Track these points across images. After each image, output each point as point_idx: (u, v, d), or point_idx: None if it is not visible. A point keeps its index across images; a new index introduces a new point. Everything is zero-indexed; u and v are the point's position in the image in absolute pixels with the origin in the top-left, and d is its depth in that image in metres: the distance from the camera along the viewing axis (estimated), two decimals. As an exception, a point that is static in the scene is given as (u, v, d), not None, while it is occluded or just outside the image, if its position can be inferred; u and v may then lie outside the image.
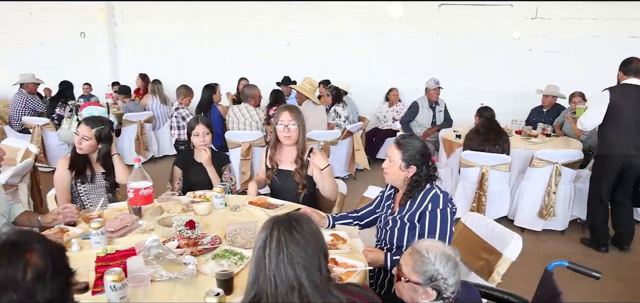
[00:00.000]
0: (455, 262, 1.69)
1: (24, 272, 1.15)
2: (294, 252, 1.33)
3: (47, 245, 1.23)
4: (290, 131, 3.11)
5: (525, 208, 4.68)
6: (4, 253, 1.17)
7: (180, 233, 2.38)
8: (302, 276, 1.32)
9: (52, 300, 1.18)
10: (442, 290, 1.67)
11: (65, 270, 1.25)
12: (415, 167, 2.38)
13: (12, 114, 6.96)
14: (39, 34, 9.61)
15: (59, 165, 3.16)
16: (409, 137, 2.48)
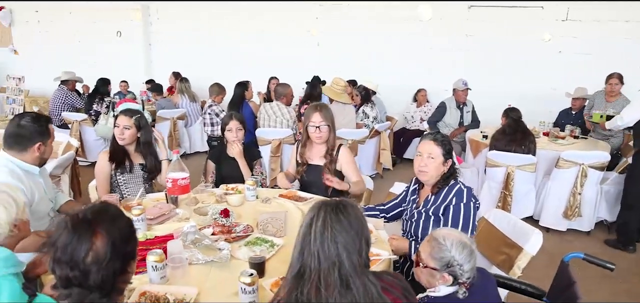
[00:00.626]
0: (470, 249, 1.77)
1: (86, 254, 1.29)
2: (337, 232, 1.42)
3: (113, 230, 1.35)
4: (322, 131, 3.21)
5: (551, 209, 4.66)
6: (76, 229, 1.31)
7: (216, 221, 2.51)
8: (343, 255, 1.41)
9: (100, 284, 1.30)
10: (457, 275, 1.76)
11: (123, 256, 1.37)
12: (451, 161, 2.49)
13: (52, 109, 7.25)
14: (77, 33, 9.99)
15: (100, 157, 3.31)
16: (437, 133, 2.58)
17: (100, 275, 1.29)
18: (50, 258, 1.31)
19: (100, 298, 1.31)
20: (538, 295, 2.13)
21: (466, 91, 6.13)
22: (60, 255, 1.29)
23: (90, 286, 1.29)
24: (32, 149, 2.58)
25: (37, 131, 2.59)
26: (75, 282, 1.28)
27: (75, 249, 1.28)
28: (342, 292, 1.39)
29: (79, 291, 1.29)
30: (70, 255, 1.28)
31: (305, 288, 1.40)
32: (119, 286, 1.38)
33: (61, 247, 1.29)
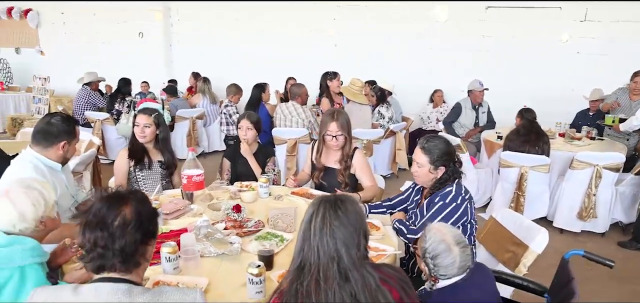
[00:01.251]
0: (448, 247, 1.81)
1: (114, 217, 1.41)
2: (335, 227, 1.49)
3: (141, 206, 1.49)
4: (338, 140, 3.26)
5: (564, 210, 4.64)
6: (110, 199, 1.46)
7: (228, 216, 2.60)
8: (341, 250, 1.48)
9: (125, 247, 1.41)
10: (430, 268, 1.85)
11: (145, 230, 1.48)
12: (444, 167, 2.54)
13: (75, 108, 7.47)
14: (100, 35, 10.22)
15: (120, 155, 3.44)
16: (433, 139, 2.62)
17: (124, 240, 1.40)
18: (81, 225, 1.43)
19: (121, 264, 1.42)
20: (540, 292, 2.16)
21: (482, 92, 6.12)
22: (92, 218, 1.42)
23: (115, 250, 1.40)
24: (56, 146, 2.69)
25: (64, 130, 2.70)
26: (100, 243, 1.39)
27: (105, 214, 1.41)
28: (341, 284, 1.45)
29: (102, 252, 1.40)
30: (101, 217, 1.41)
31: (305, 280, 1.47)
32: (137, 259, 1.47)
33: (93, 212, 1.43)
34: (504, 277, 2.23)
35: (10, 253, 1.70)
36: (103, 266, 1.43)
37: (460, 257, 1.82)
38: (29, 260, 1.72)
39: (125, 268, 1.45)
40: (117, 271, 1.44)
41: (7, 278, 1.67)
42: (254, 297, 1.85)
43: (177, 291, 1.48)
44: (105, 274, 1.44)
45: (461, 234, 1.93)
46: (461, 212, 2.47)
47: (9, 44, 11.03)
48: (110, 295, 1.38)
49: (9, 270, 1.68)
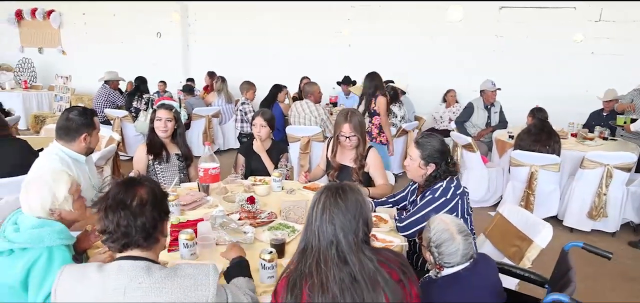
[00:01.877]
0: (452, 235, 1.90)
1: (132, 199, 1.55)
2: (334, 214, 1.60)
3: (153, 187, 1.63)
4: (351, 141, 3.34)
5: (575, 209, 4.66)
6: (125, 183, 1.60)
7: (242, 207, 2.72)
8: (339, 235, 1.59)
9: (145, 224, 1.56)
10: (435, 257, 1.93)
11: (160, 208, 1.63)
12: (434, 165, 2.63)
13: (95, 106, 7.67)
14: (120, 35, 10.48)
15: (138, 150, 3.58)
16: (428, 136, 2.72)
17: (144, 217, 1.55)
18: (102, 210, 1.57)
19: (143, 240, 1.57)
20: (540, 283, 2.23)
21: (495, 92, 6.15)
22: (112, 202, 1.56)
23: (137, 227, 1.54)
24: (79, 140, 2.84)
25: (83, 123, 2.85)
26: (123, 222, 1.53)
27: (123, 196, 1.56)
28: (340, 267, 1.56)
29: (126, 231, 1.54)
30: (120, 200, 1.55)
31: (307, 261, 1.59)
32: (156, 236, 1.62)
33: (112, 196, 1.57)
34: (506, 268, 2.30)
35: (40, 234, 1.84)
36: (128, 244, 1.57)
37: (464, 245, 1.91)
38: (56, 242, 1.86)
39: (147, 244, 1.59)
40: (139, 248, 1.58)
41: (37, 256, 1.81)
42: (266, 281, 1.96)
43: (192, 266, 1.60)
44: (127, 253, 1.57)
45: (464, 224, 2.01)
46: (451, 206, 2.53)
47: (33, 44, 11.36)
48: (131, 271, 1.51)
49: (39, 249, 1.82)
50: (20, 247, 1.82)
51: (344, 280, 1.54)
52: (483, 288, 1.95)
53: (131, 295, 1.47)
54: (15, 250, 1.83)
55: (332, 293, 1.52)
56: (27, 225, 1.88)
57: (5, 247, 1.82)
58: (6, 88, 9.35)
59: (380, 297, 1.54)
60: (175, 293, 1.48)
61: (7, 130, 3.80)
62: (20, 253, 1.82)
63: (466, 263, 1.93)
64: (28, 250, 1.82)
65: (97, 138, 2.99)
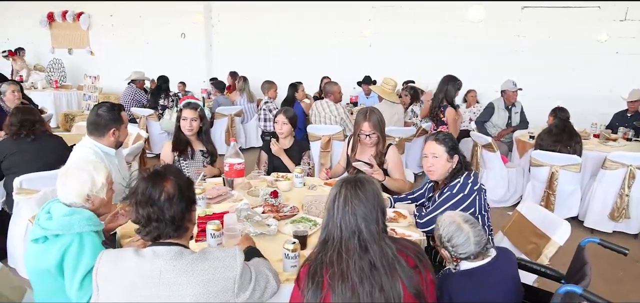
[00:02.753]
0: (459, 226, 1.96)
1: (160, 193, 1.66)
2: (356, 205, 1.68)
3: (179, 179, 1.73)
4: (372, 139, 3.42)
5: (596, 210, 4.63)
6: (151, 177, 1.70)
7: (266, 201, 2.82)
8: (361, 225, 1.67)
9: (174, 216, 1.67)
10: (450, 251, 1.99)
11: (187, 199, 1.73)
12: (457, 156, 2.71)
13: (122, 105, 7.90)
14: (146, 35, 10.73)
15: (165, 146, 3.74)
16: (442, 133, 2.79)
17: (172, 210, 1.66)
18: (133, 204, 1.69)
19: (173, 231, 1.69)
20: (557, 278, 2.27)
21: (516, 92, 6.13)
22: (141, 198, 1.67)
23: (166, 220, 1.66)
24: (108, 134, 3.00)
25: (111, 119, 3.00)
26: (153, 216, 1.65)
27: (151, 192, 1.66)
28: (361, 255, 1.65)
29: (157, 225, 1.66)
30: (149, 195, 1.66)
31: (328, 252, 1.68)
32: (185, 224, 1.74)
33: (141, 192, 1.68)
34: (523, 263, 2.34)
35: (71, 221, 1.98)
36: (159, 236, 1.69)
37: (473, 232, 1.96)
38: (86, 228, 2.00)
39: (177, 234, 1.71)
40: (171, 238, 1.70)
41: (69, 243, 1.95)
42: (289, 270, 2.05)
43: (219, 250, 1.75)
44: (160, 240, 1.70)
45: (469, 215, 2.07)
46: (469, 202, 2.59)
47: (63, 46, 11.72)
48: (166, 255, 1.64)
49: (70, 236, 1.96)
50: (53, 233, 1.95)
51: (364, 269, 1.62)
52: (502, 283, 1.99)
53: (166, 277, 1.60)
54: (49, 237, 1.97)
55: (352, 281, 1.61)
56: (59, 213, 2.02)
57: (40, 234, 1.97)
58: (38, 88, 9.66)
59: (397, 283, 1.62)
60: (206, 274, 1.62)
61: (45, 127, 3.99)
62: (54, 240, 1.96)
63: (487, 259, 1.98)
64: (60, 236, 1.96)
65: (125, 132, 3.13)
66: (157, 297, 1.58)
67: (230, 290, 1.65)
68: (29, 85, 9.72)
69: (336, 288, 1.60)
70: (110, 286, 1.65)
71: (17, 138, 3.71)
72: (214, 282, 1.62)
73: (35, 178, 3.32)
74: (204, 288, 1.59)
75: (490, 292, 1.92)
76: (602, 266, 3.86)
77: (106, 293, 1.65)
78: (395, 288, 1.61)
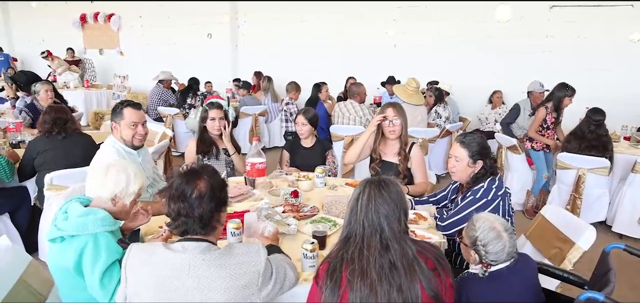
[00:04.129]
0: (498, 233, 1.93)
1: (192, 191, 1.72)
2: (379, 204, 1.70)
3: (213, 179, 1.79)
4: (394, 125, 3.39)
5: (625, 215, 4.52)
6: (186, 174, 1.77)
7: (286, 201, 2.85)
8: (384, 223, 1.69)
9: (203, 215, 1.72)
10: (482, 255, 1.96)
11: (218, 199, 1.78)
12: (482, 161, 2.65)
13: (150, 104, 8.08)
14: (173, 36, 10.94)
15: (190, 144, 3.82)
16: (470, 134, 2.74)
17: (201, 209, 1.72)
18: (166, 198, 1.76)
19: (200, 229, 1.75)
20: (580, 284, 2.22)
21: (542, 93, 6.00)
22: (174, 193, 1.73)
23: (195, 217, 1.72)
24: (113, 127, 3.06)
25: (114, 112, 3.06)
26: (183, 212, 1.72)
27: (184, 188, 1.72)
28: (382, 253, 1.66)
29: (185, 220, 1.72)
30: (181, 191, 1.72)
31: (350, 249, 1.70)
32: (213, 224, 1.79)
33: (175, 187, 1.74)
34: (545, 268, 2.30)
35: (85, 222, 2.00)
36: (187, 231, 1.75)
37: (509, 242, 1.94)
38: (99, 229, 2.02)
39: (204, 232, 1.76)
40: (198, 234, 1.76)
41: (85, 243, 1.98)
42: (308, 270, 2.07)
43: (243, 246, 1.82)
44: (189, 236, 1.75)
45: (507, 222, 2.04)
46: (492, 207, 2.53)
47: (95, 46, 12.08)
48: (194, 250, 1.70)
49: (85, 236, 1.99)
50: (68, 234, 2.00)
51: (383, 267, 1.63)
52: (521, 287, 1.97)
53: (195, 270, 1.67)
54: (66, 238, 2.01)
55: (371, 279, 1.62)
56: (74, 214, 2.05)
57: (56, 235, 2.02)
58: (71, 87, 9.96)
59: (416, 284, 1.62)
60: (232, 268, 1.68)
61: (75, 125, 4.12)
62: (70, 241, 2.00)
63: (507, 262, 1.96)
64: (76, 237, 2.00)
65: (127, 130, 3.03)
66: (185, 289, 1.65)
67: (255, 285, 1.71)
68: (61, 84, 10.02)
69: (355, 285, 1.62)
70: (139, 278, 1.71)
71: (49, 136, 3.84)
72: (240, 276, 1.68)
73: (65, 175, 3.42)
74: (231, 282, 1.66)
75: (509, 296, 1.90)
76: (630, 273, 3.76)
77: (134, 284, 1.72)
78: (413, 289, 1.62)
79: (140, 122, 3.08)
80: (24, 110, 5.27)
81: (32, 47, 12.17)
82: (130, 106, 3.05)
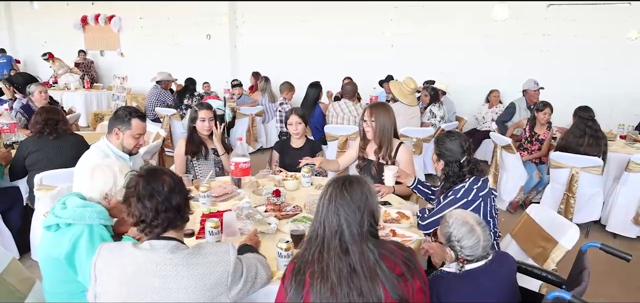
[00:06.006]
0: (471, 227, 1.93)
1: (162, 185, 1.73)
2: (340, 206, 1.66)
3: (173, 174, 1.82)
4: (369, 126, 3.43)
5: (619, 214, 4.47)
6: (150, 174, 1.76)
7: (268, 200, 2.85)
8: (343, 225, 1.65)
9: (179, 204, 1.75)
10: (457, 251, 1.95)
11: (185, 190, 1.82)
12: (444, 163, 2.68)
13: (148, 105, 8.11)
14: (173, 37, 10.97)
15: (179, 144, 3.83)
16: (446, 135, 2.74)
17: (178, 198, 1.74)
18: (133, 204, 1.72)
19: (180, 220, 1.78)
20: (558, 283, 2.21)
21: (538, 92, 5.98)
22: (143, 191, 1.71)
23: (174, 207, 1.73)
24: (113, 133, 3.05)
25: (119, 118, 3.05)
26: (161, 207, 1.70)
27: (153, 184, 1.72)
28: (340, 256, 1.63)
29: (165, 215, 1.72)
30: (152, 187, 1.72)
31: (312, 249, 1.68)
32: (186, 214, 1.82)
33: (142, 186, 1.72)
34: (522, 267, 2.29)
35: (83, 213, 2.08)
36: (169, 225, 1.74)
37: (483, 236, 1.93)
38: (96, 221, 2.09)
39: (181, 223, 1.80)
40: (175, 229, 1.77)
41: (80, 232, 2.05)
42: (282, 268, 2.06)
43: (213, 245, 1.82)
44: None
45: (479, 216, 2.04)
46: (472, 208, 2.52)
47: (95, 48, 12.16)
48: (162, 249, 1.70)
49: (81, 226, 2.06)
50: (64, 222, 2.05)
51: (343, 270, 1.61)
52: (495, 287, 1.95)
53: (162, 269, 1.66)
54: (61, 226, 2.07)
55: (331, 281, 1.60)
56: (73, 204, 2.12)
57: (53, 221, 2.07)
58: (71, 88, 10.02)
59: (378, 289, 1.59)
60: (201, 267, 1.68)
61: (67, 126, 4.14)
62: (66, 229, 2.06)
63: (483, 261, 1.95)
64: (72, 226, 2.06)
65: (132, 140, 3.07)
66: (152, 288, 1.65)
67: (224, 284, 1.71)
68: (62, 86, 10.08)
69: (316, 287, 1.60)
70: (107, 277, 1.71)
71: (40, 136, 3.87)
72: (208, 275, 1.68)
73: (54, 175, 3.45)
74: (198, 281, 1.66)
75: (480, 294, 1.89)
76: (621, 274, 3.73)
77: (103, 283, 1.72)
78: (375, 292, 1.59)
79: (144, 133, 3.15)
80: (19, 112, 5.32)
81: (35, 49, 12.26)
82: (138, 117, 3.09)
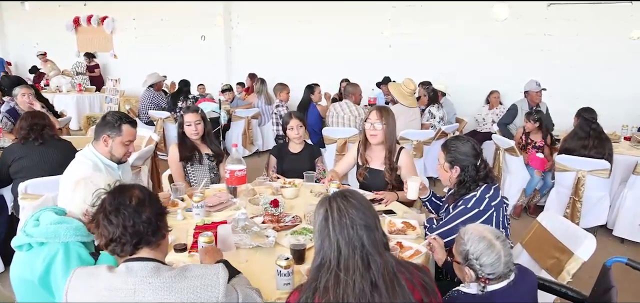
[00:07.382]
0: (490, 243, 1.75)
1: (130, 199, 1.57)
2: (354, 215, 1.50)
3: (144, 189, 1.66)
4: (376, 130, 3.24)
5: (627, 218, 4.34)
6: (117, 190, 1.62)
7: (266, 211, 2.69)
8: (363, 235, 1.48)
9: (149, 218, 1.57)
10: (477, 270, 1.76)
11: (158, 204, 1.65)
12: (459, 169, 2.48)
13: (141, 108, 7.96)
14: (167, 38, 10.80)
15: (172, 149, 3.66)
16: (456, 139, 2.56)
17: (147, 212, 1.58)
18: (103, 219, 1.57)
19: (153, 235, 1.59)
20: (579, 300, 2.06)
21: (540, 92, 5.85)
22: (110, 208, 1.56)
23: (143, 222, 1.56)
24: (101, 140, 2.85)
25: (108, 124, 2.85)
26: (128, 222, 1.54)
27: (120, 200, 1.57)
28: (363, 273, 1.45)
29: (133, 231, 1.55)
30: (118, 202, 1.57)
31: (323, 278, 1.48)
32: (162, 230, 1.65)
33: (108, 203, 1.58)
34: (541, 283, 2.14)
35: (57, 230, 1.89)
36: (139, 242, 1.57)
37: (504, 251, 1.76)
38: (72, 238, 1.91)
39: (155, 240, 1.61)
40: (149, 246, 1.59)
41: (55, 252, 1.87)
42: (282, 288, 1.91)
43: (200, 266, 1.60)
44: (136, 254, 1.58)
45: (498, 230, 1.87)
46: (484, 218, 2.36)
47: (88, 49, 11.94)
48: (141, 271, 1.51)
49: (56, 245, 1.88)
50: (37, 241, 1.87)
51: (364, 290, 1.44)
52: None
53: (141, 295, 1.47)
54: (34, 245, 1.88)
55: None
56: (47, 221, 1.94)
57: (24, 241, 1.89)
58: (63, 91, 9.83)
59: None
60: (185, 294, 1.48)
61: (53, 131, 3.96)
62: (38, 249, 1.88)
63: (506, 281, 1.78)
64: (45, 245, 1.87)
65: (122, 148, 2.90)
66: None
67: None
68: (54, 88, 9.89)
69: None
70: None
71: (25, 142, 3.69)
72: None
73: (39, 183, 3.27)
74: None
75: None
76: (636, 284, 3.59)
77: None
78: None
79: (134, 140, 2.97)
80: (5, 115, 5.12)
81: (27, 51, 12.06)
82: (129, 124, 2.90)
